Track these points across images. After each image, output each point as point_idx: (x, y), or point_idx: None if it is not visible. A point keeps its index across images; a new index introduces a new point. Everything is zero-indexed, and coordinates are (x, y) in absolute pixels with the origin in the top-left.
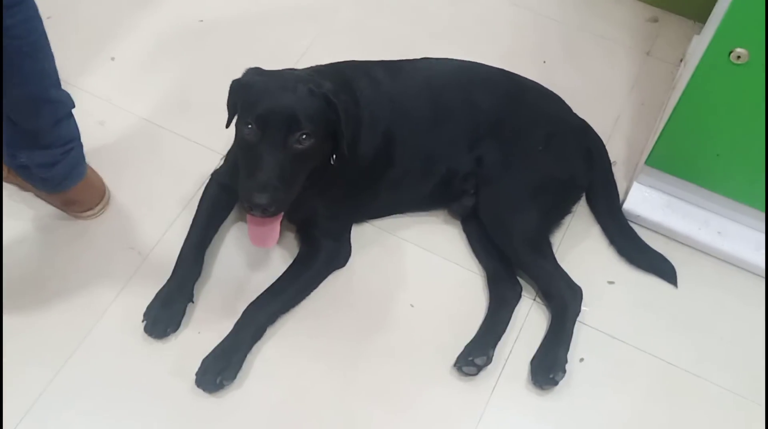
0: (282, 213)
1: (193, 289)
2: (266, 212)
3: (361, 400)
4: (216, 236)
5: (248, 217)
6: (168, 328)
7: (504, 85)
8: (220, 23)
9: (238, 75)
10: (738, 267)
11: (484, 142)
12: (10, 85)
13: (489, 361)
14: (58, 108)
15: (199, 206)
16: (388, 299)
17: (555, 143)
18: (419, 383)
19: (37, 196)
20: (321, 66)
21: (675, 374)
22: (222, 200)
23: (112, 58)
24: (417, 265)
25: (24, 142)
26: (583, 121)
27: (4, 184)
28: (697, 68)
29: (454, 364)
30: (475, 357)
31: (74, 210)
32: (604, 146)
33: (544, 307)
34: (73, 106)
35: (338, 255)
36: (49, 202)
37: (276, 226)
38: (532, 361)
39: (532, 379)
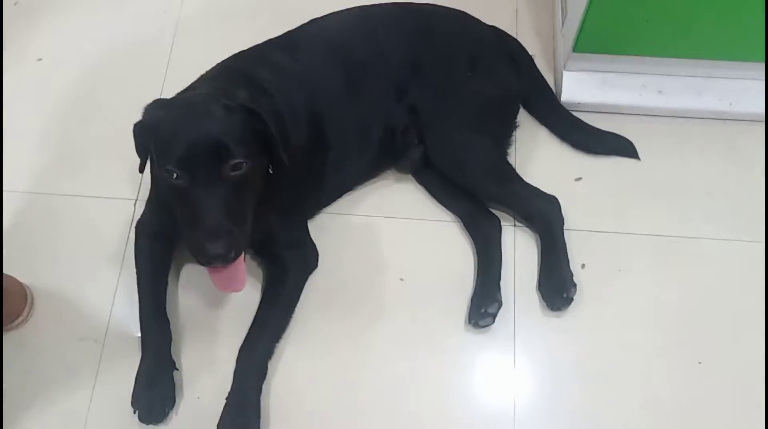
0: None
1: (171, 356)
2: (227, 260)
3: (395, 392)
4: (168, 289)
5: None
6: (165, 407)
7: (406, 22)
8: (62, 57)
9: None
10: (687, 117)
11: (410, 88)
12: None
13: (500, 304)
14: None
15: (137, 267)
16: (374, 283)
17: (480, 64)
18: (442, 356)
19: None
20: (214, 71)
21: (670, 244)
22: (158, 251)
23: None
24: (388, 236)
25: None
26: (495, 28)
27: None
28: None
29: (469, 321)
30: (486, 307)
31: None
32: (521, 46)
33: (527, 230)
34: None
35: (307, 259)
36: None
37: (241, 266)
38: (540, 288)
39: (548, 304)
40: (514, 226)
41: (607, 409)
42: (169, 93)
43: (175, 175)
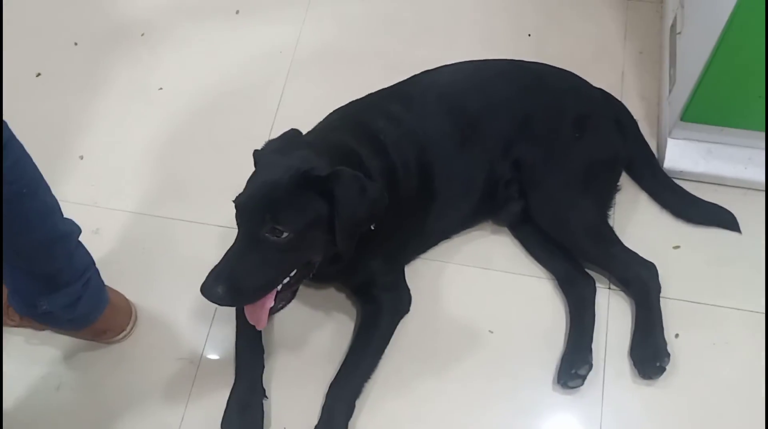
0: (271, 299)
1: (262, 384)
2: (220, 303)
3: None
4: None
5: None
6: None
7: (517, 78)
8: (180, 88)
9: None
10: None
11: (517, 143)
12: (16, 234)
13: (591, 367)
14: (69, 240)
15: None
16: (464, 333)
17: (589, 125)
18: (529, 412)
19: (57, 332)
20: (332, 118)
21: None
22: None
23: (81, 157)
24: (481, 286)
25: (43, 288)
26: (602, 91)
27: (16, 330)
28: (734, 16)
29: (558, 381)
30: (577, 368)
31: (105, 338)
32: (628, 111)
33: (622, 294)
34: (80, 232)
35: (401, 303)
36: (77, 337)
37: (265, 310)
38: (632, 354)
39: (639, 372)
40: (609, 288)
41: None
42: (277, 131)
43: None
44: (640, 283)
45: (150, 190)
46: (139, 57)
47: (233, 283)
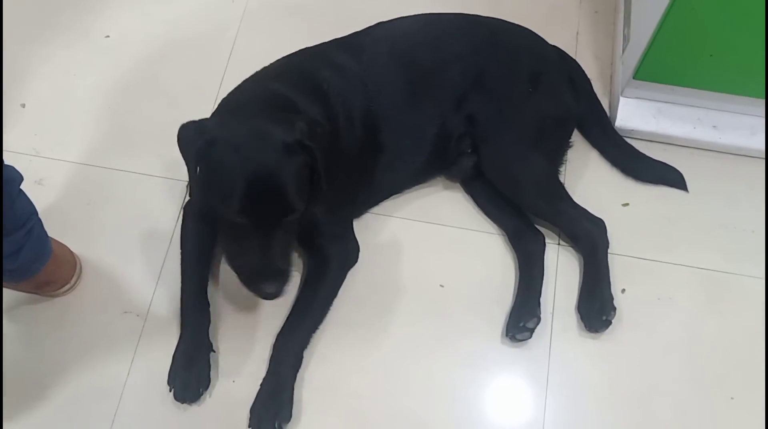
0: None
1: (209, 338)
2: (277, 297)
3: (424, 396)
4: (211, 272)
5: None
6: (200, 387)
7: (472, 33)
8: (128, 36)
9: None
10: (738, 155)
11: (469, 98)
12: None
13: (539, 320)
14: (11, 187)
15: (182, 248)
16: (415, 287)
17: (542, 82)
18: (476, 364)
19: None
20: (278, 65)
21: (712, 278)
22: (204, 233)
23: (23, 105)
24: (431, 242)
25: None
26: (557, 48)
27: None
28: None
29: (506, 334)
30: (525, 321)
31: (49, 290)
32: (582, 69)
33: (571, 250)
34: (22, 179)
35: (348, 254)
36: (18, 290)
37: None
38: (579, 308)
39: (586, 325)
40: (558, 244)
41: None
42: (229, 82)
43: (233, 212)
44: (589, 238)
45: (95, 140)
46: (85, 3)
47: (282, 275)
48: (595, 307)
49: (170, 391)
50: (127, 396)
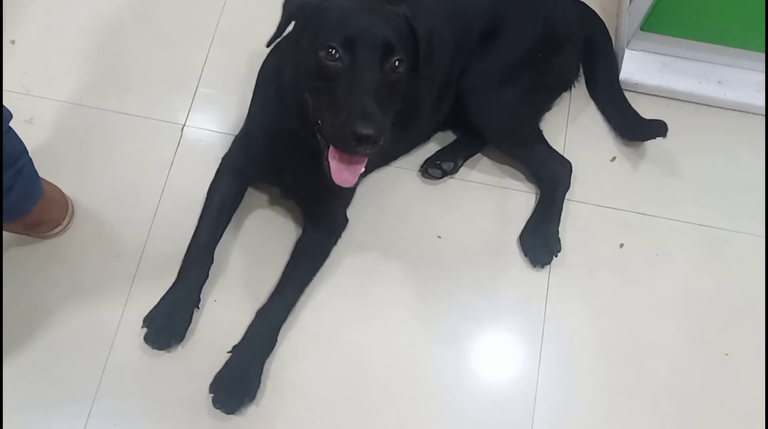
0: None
1: (199, 294)
2: (375, 145)
3: (420, 345)
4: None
5: (331, 152)
6: (172, 339)
7: None
8: None
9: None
10: (743, 111)
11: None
12: None
13: (456, 169)
14: None
15: (207, 198)
16: (412, 237)
17: (553, 49)
18: (472, 316)
19: None
20: None
21: (711, 235)
22: (234, 190)
23: (12, 41)
24: (433, 193)
25: None
26: (582, 5)
27: None
28: None
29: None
30: (442, 161)
31: (39, 232)
32: (605, 28)
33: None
34: (11, 117)
35: (335, 229)
36: (8, 230)
37: (362, 162)
38: (522, 239)
39: (530, 258)
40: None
41: (630, 391)
42: (225, 24)
43: (336, 55)
44: (552, 177)
45: (88, 79)
46: None
47: (381, 118)
48: (540, 241)
49: (142, 328)
50: (119, 339)
